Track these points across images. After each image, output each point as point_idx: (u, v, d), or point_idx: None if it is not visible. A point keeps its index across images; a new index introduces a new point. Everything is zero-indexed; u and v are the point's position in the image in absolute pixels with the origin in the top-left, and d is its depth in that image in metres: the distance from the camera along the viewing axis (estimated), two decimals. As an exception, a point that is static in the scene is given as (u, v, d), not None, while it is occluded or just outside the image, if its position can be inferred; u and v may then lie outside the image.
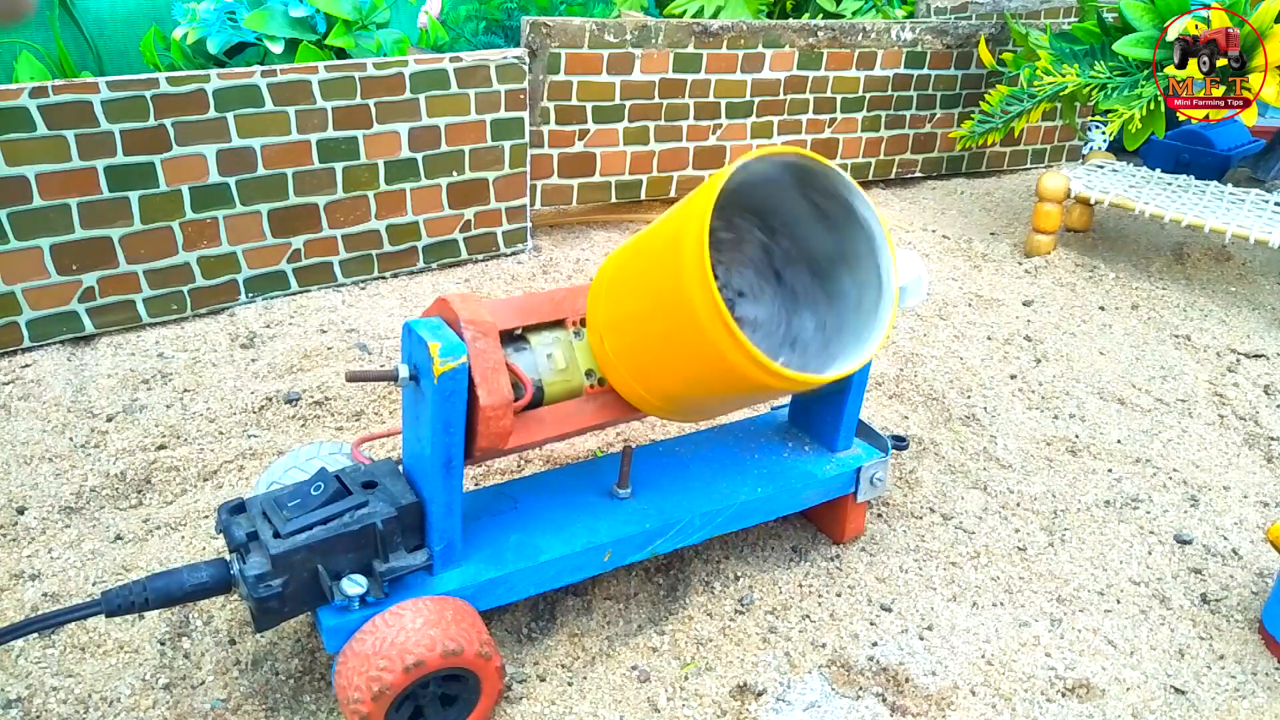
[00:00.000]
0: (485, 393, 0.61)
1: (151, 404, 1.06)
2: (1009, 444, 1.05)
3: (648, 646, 0.75)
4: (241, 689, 0.70)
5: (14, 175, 1.08)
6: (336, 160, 1.29)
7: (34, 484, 0.92)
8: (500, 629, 0.77)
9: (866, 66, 1.74)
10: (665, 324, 0.59)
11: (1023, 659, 0.76)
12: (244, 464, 0.96)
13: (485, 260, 1.48)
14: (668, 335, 0.60)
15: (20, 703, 0.68)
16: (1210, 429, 1.10)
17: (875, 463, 0.82)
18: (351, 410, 1.06)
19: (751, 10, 2.14)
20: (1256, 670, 0.76)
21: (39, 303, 1.15)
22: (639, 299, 0.62)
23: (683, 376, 0.62)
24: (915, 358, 1.22)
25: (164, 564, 0.82)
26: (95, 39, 1.96)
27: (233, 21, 1.65)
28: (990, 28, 1.84)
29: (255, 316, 1.26)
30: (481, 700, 0.66)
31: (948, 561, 0.86)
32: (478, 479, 0.95)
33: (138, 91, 1.12)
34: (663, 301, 0.59)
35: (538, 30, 1.42)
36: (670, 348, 0.60)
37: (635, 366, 0.64)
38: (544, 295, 0.67)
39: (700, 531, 0.75)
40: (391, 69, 1.28)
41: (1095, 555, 0.88)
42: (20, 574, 0.81)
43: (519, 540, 0.71)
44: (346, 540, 0.63)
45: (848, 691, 0.72)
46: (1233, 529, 0.93)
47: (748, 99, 1.65)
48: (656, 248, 0.60)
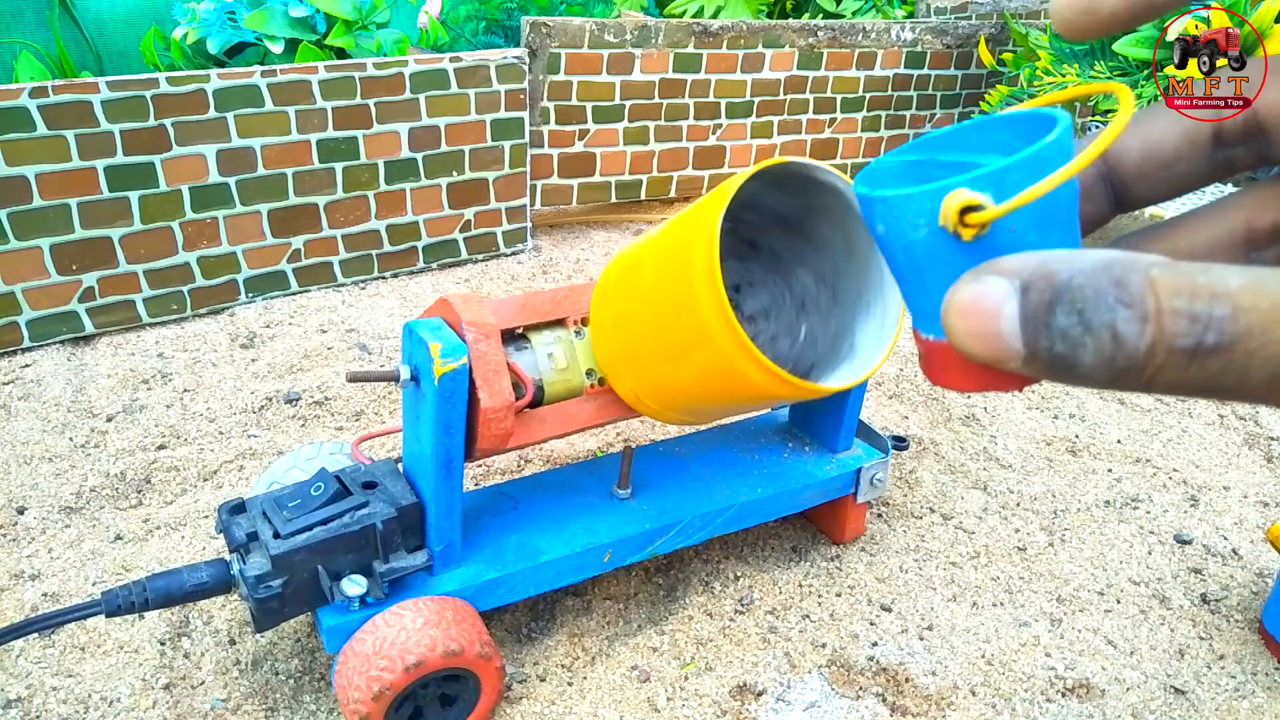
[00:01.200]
0: (487, 395, 0.61)
1: (151, 404, 1.06)
2: (1009, 444, 1.05)
3: (648, 646, 0.75)
4: (241, 689, 0.70)
5: (14, 175, 1.08)
6: (336, 160, 1.29)
7: (34, 484, 0.92)
8: (500, 629, 0.77)
9: (866, 66, 1.74)
10: (678, 348, 0.58)
11: (1023, 659, 0.76)
12: (244, 464, 0.96)
13: (485, 260, 1.48)
14: (679, 357, 0.58)
15: (20, 703, 0.68)
16: (1210, 429, 1.10)
17: (875, 463, 0.82)
18: (351, 410, 1.06)
19: (751, 10, 2.14)
20: (1256, 670, 0.76)
21: (39, 303, 1.15)
22: (645, 322, 0.60)
23: (695, 394, 0.61)
24: (915, 357, 1.22)
25: (164, 564, 0.82)
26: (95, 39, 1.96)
27: (233, 21, 1.65)
28: (990, 28, 1.84)
29: (255, 316, 1.26)
30: (481, 700, 0.66)
31: (948, 561, 0.86)
32: (478, 479, 0.95)
33: (138, 91, 1.12)
34: (678, 333, 0.57)
35: (538, 30, 1.42)
36: (684, 369, 0.59)
37: (638, 377, 0.63)
38: (546, 294, 0.67)
39: (700, 532, 0.75)
40: (391, 69, 1.28)
41: (1095, 555, 0.88)
42: (20, 574, 0.81)
43: (519, 541, 0.71)
44: (347, 541, 0.63)
45: (848, 691, 0.72)
46: (1233, 529, 0.93)
47: (748, 99, 1.65)
48: (662, 272, 0.57)
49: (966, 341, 0.22)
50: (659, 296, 0.58)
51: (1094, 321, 0.20)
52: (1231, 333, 0.19)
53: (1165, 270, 0.19)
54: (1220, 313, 0.19)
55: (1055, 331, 0.20)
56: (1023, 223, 0.25)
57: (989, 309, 0.21)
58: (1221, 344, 0.19)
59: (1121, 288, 0.19)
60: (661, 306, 0.58)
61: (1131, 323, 0.19)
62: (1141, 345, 0.19)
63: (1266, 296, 0.18)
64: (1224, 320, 0.19)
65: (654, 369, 0.61)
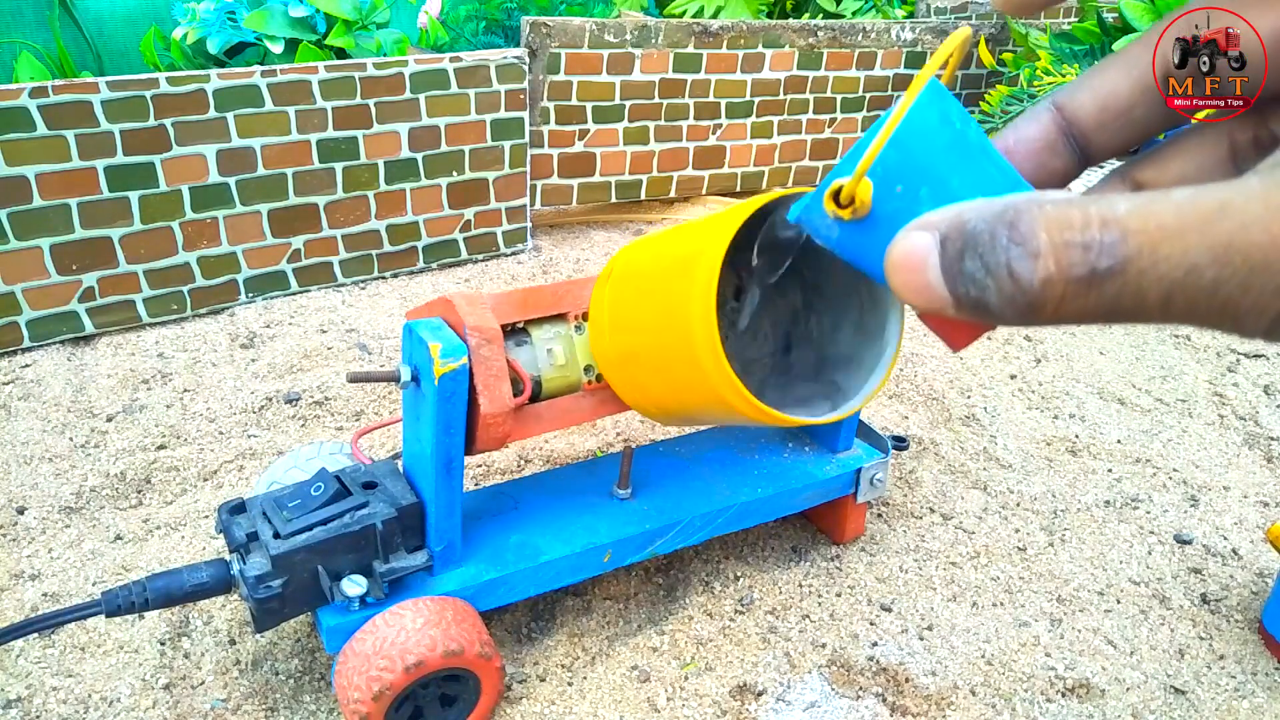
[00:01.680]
0: (487, 401, 0.61)
1: (151, 404, 1.06)
2: (1009, 444, 1.05)
3: (648, 646, 0.75)
4: (241, 689, 0.70)
5: (14, 175, 1.08)
6: (336, 160, 1.29)
7: (34, 484, 0.92)
8: (500, 629, 0.77)
9: (866, 66, 1.74)
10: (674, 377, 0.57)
11: (1023, 659, 0.76)
12: (244, 464, 0.96)
13: (485, 260, 1.48)
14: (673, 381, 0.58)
15: (20, 703, 0.68)
16: (1210, 429, 1.10)
17: (875, 463, 0.82)
18: (351, 410, 1.06)
19: (751, 10, 2.15)
20: (1256, 670, 0.76)
21: (39, 303, 1.15)
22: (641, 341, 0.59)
23: (689, 410, 0.60)
24: (915, 358, 1.22)
25: (164, 564, 0.82)
26: (95, 39, 1.96)
27: (233, 21, 1.65)
28: (990, 28, 1.84)
29: (255, 316, 1.26)
30: (481, 700, 0.66)
31: (948, 561, 0.86)
32: (478, 479, 0.95)
33: (138, 91, 1.12)
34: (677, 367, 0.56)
35: (538, 30, 1.42)
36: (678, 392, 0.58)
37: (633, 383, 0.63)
38: (547, 288, 0.66)
39: (701, 532, 0.75)
40: (391, 69, 1.28)
41: (1095, 555, 0.88)
42: (20, 574, 0.81)
43: (519, 541, 0.71)
44: (347, 541, 0.63)
45: (848, 691, 0.72)
46: (1233, 529, 0.93)
47: (748, 99, 1.65)
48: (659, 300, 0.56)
49: (905, 294, 0.23)
50: (655, 324, 0.57)
51: (992, 263, 0.21)
52: (1123, 255, 0.19)
53: (1058, 206, 0.20)
54: (1110, 238, 0.20)
55: (967, 277, 0.21)
56: (906, 181, 0.27)
57: (916, 262, 0.22)
58: (1114, 267, 0.20)
59: (1013, 229, 0.20)
60: (658, 336, 0.57)
61: (1023, 259, 0.20)
62: (1036, 280, 0.20)
63: (1153, 218, 0.19)
64: (1114, 245, 0.20)
65: (647, 379, 0.61)
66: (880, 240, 0.25)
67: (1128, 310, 0.20)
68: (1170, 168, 0.30)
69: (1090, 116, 0.30)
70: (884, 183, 0.26)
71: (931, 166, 0.27)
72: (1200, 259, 0.19)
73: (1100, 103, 0.29)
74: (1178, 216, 0.19)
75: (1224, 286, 0.19)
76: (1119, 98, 0.29)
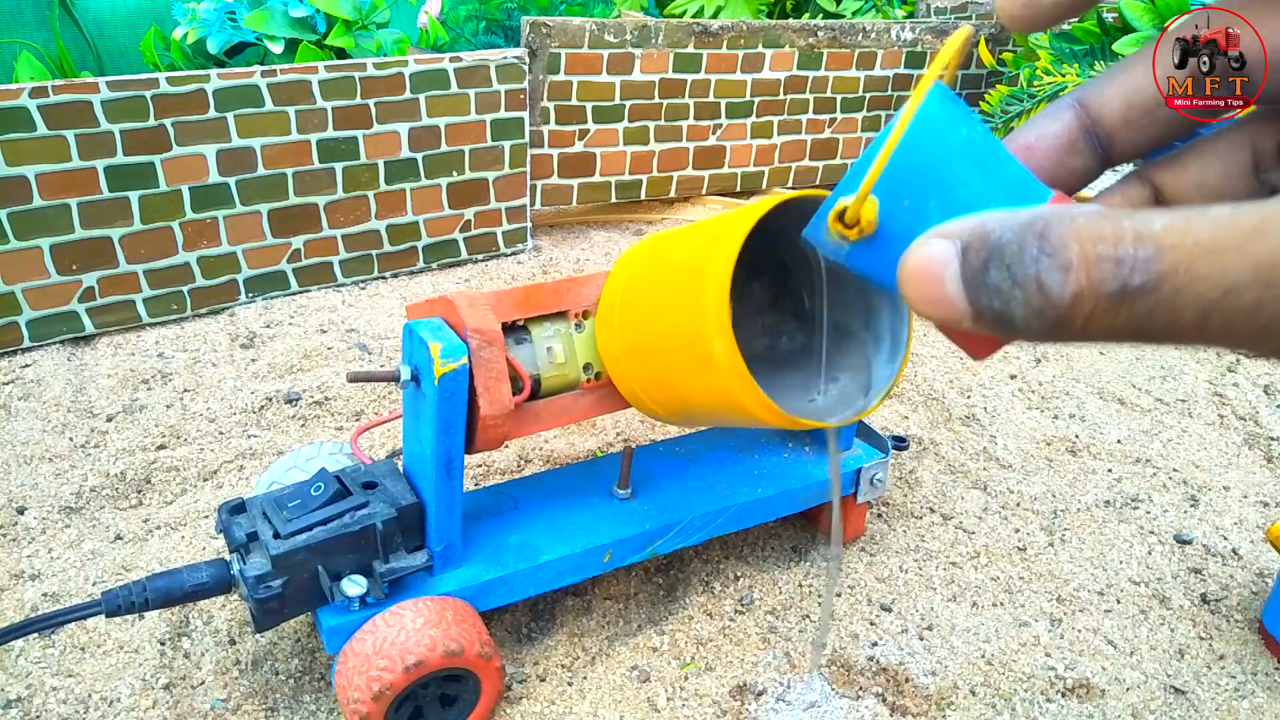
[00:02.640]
0: (486, 403, 0.61)
1: (151, 404, 1.06)
2: (1009, 444, 1.05)
3: (648, 646, 0.75)
4: (241, 689, 0.70)
5: (14, 175, 1.08)
6: (336, 160, 1.29)
7: (34, 484, 0.92)
8: (500, 629, 0.77)
9: (866, 66, 1.74)
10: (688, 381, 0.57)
11: (1023, 659, 0.76)
12: (244, 464, 0.96)
13: (485, 260, 1.48)
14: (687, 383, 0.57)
15: (20, 703, 0.68)
16: (1210, 429, 1.10)
17: (875, 464, 0.82)
18: (351, 410, 1.06)
19: (751, 10, 2.15)
20: (1256, 670, 0.76)
21: (39, 303, 1.15)
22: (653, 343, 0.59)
23: (698, 411, 0.60)
24: (915, 358, 1.22)
25: (164, 564, 0.82)
26: (95, 39, 1.96)
27: (233, 21, 1.65)
28: (990, 28, 1.84)
29: (255, 316, 1.26)
30: (481, 700, 0.66)
31: (948, 561, 0.86)
32: (478, 479, 0.95)
33: (138, 91, 1.12)
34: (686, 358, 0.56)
35: (538, 30, 1.42)
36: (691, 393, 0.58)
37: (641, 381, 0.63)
38: (548, 286, 0.66)
39: (701, 532, 0.75)
40: (391, 69, 1.28)
41: (1095, 555, 0.88)
42: (20, 574, 0.81)
43: (519, 541, 0.71)
44: (347, 541, 0.63)
45: (848, 691, 0.72)
46: (1233, 529, 0.93)
47: (748, 99, 1.65)
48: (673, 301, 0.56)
49: (920, 306, 0.22)
50: (667, 321, 0.57)
51: (1019, 274, 0.20)
52: (1157, 272, 0.19)
53: (1091, 219, 0.20)
54: (1144, 253, 0.19)
55: (991, 288, 0.21)
56: (914, 196, 0.26)
57: (934, 273, 0.22)
58: (1148, 284, 0.19)
59: (1044, 239, 0.20)
60: (670, 339, 0.57)
61: (1054, 272, 0.19)
62: (1066, 294, 0.19)
63: (1190, 234, 0.19)
64: (1149, 260, 0.19)
65: (654, 376, 0.61)
66: (891, 255, 0.24)
67: (1159, 330, 0.19)
68: (1189, 172, 0.29)
69: (1116, 114, 0.29)
70: (890, 199, 0.26)
71: (939, 178, 0.26)
72: (1241, 278, 0.18)
73: (1127, 99, 0.29)
74: (1215, 234, 0.18)
75: (1267, 308, 0.18)
76: (1146, 94, 0.28)
